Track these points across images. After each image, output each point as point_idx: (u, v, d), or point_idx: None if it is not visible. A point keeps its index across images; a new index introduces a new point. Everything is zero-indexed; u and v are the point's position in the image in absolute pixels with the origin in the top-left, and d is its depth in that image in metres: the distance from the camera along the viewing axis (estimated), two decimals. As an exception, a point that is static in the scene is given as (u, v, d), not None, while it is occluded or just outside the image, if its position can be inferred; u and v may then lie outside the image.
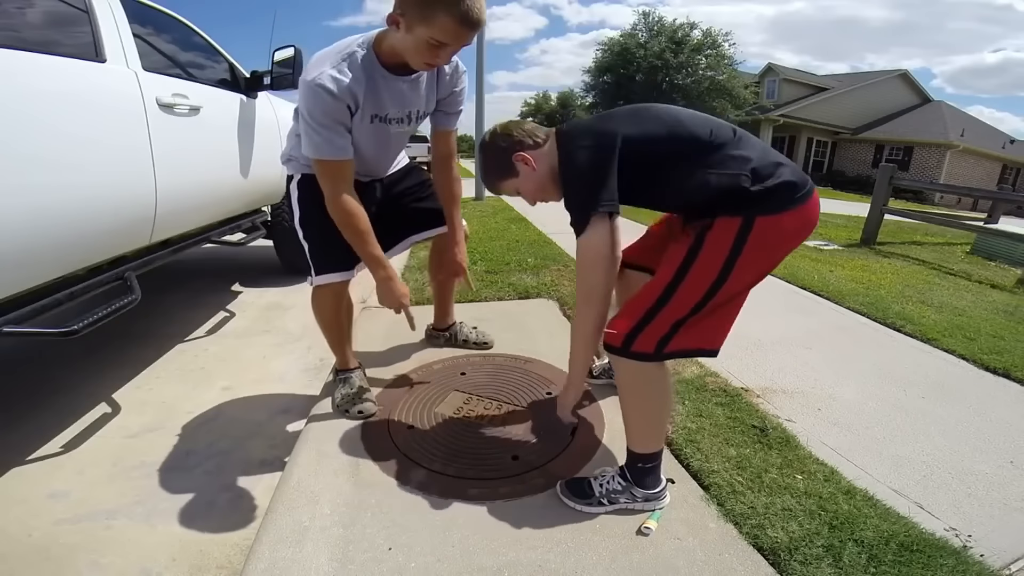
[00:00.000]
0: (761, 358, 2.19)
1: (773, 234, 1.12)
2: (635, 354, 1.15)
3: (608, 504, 1.27)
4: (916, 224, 7.18)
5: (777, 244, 1.15)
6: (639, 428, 1.25)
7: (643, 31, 18.46)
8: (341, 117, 1.31)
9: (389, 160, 1.69)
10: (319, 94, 1.26)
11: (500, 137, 1.28)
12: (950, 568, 1.12)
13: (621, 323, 1.16)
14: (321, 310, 1.66)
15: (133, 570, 1.26)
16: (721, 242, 1.10)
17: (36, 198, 1.47)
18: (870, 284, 3.53)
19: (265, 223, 3.30)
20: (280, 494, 1.31)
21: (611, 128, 1.16)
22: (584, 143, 1.17)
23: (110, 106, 1.77)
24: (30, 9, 1.65)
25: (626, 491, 1.26)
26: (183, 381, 2.18)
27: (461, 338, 2.15)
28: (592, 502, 1.27)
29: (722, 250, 1.10)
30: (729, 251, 1.10)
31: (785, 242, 1.17)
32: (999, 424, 1.78)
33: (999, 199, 5.92)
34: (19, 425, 1.82)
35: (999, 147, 20.65)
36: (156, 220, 2.03)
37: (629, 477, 1.27)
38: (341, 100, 1.28)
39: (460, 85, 1.56)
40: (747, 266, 1.11)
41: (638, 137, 1.14)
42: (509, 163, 1.27)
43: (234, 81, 2.80)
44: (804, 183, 1.13)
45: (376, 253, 1.45)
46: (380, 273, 1.47)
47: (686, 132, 1.15)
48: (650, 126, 1.17)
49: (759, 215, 1.09)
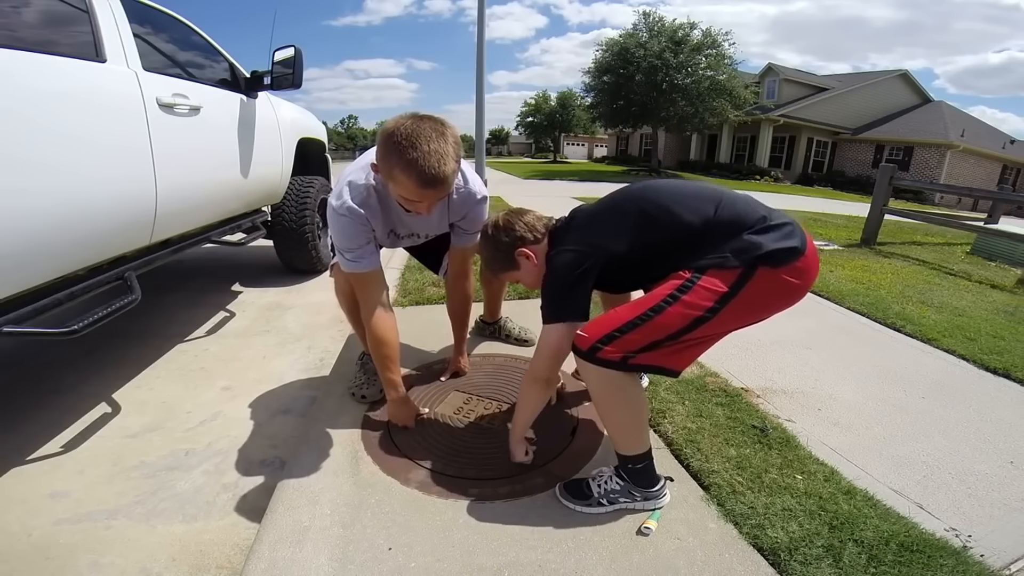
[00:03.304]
0: (761, 358, 2.19)
1: (770, 287, 1.13)
2: (600, 360, 1.14)
3: (608, 504, 1.28)
4: (916, 224, 7.18)
5: (771, 297, 1.16)
6: (618, 432, 1.27)
7: (643, 31, 18.45)
8: (364, 238, 1.42)
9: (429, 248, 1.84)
10: (343, 223, 1.39)
11: (503, 232, 1.36)
12: (950, 568, 1.12)
13: (594, 329, 1.16)
14: (341, 290, 1.72)
15: (133, 570, 1.26)
16: (718, 282, 1.11)
17: (36, 198, 1.47)
18: (870, 284, 3.53)
19: (265, 223, 3.30)
20: (280, 494, 1.31)
21: (599, 242, 1.22)
22: (569, 250, 1.22)
23: (110, 106, 1.77)
24: (30, 9, 1.65)
25: (624, 491, 1.27)
26: (183, 381, 2.18)
27: (504, 333, 2.28)
28: (591, 503, 1.28)
29: (717, 290, 1.11)
30: (724, 293, 1.11)
31: (779, 297, 1.18)
32: (999, 424, 1.78)
33: (999, 199, 5.92)
34: (19, 425, 1.82)
35: (999, 147, 20.64)
36: (156, 220, 2.03)
37: (626, 477, 1.28)
38: (361, 222, 1.39)
39: (473, 212, 1.59)
40: (735, 312, 1.12)
41: (625, 251, 1.20)
42: (512, 258, 1.36)
43: (234, 81, 2.80)
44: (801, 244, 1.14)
45: (395, 379, 1.52)
46: (393, 395, 1.55)
47: (677, 225, 1.18)
48: (641, 233, 1.20)
49: (762, 266, 1.11)
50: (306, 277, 3.70)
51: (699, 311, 1.10)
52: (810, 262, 1.16)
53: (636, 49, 17.55)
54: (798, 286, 1.16)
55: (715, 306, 1.10)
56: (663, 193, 1.24)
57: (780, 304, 1.20)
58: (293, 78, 2.78)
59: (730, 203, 1.19)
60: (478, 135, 8.12)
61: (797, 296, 1.19)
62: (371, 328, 1.47)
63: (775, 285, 1.13)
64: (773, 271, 1.11)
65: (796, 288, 1.16)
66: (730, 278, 1.11)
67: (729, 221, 1.16)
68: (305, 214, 3.37)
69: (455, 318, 1.84)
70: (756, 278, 1.11)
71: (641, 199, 1.26)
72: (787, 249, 1.12)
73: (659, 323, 1.12)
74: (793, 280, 1.14)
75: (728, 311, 1.11)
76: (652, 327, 1.12)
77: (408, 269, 3.37)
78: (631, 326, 1.13)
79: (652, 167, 20.76)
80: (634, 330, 1.12)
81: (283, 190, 3.31)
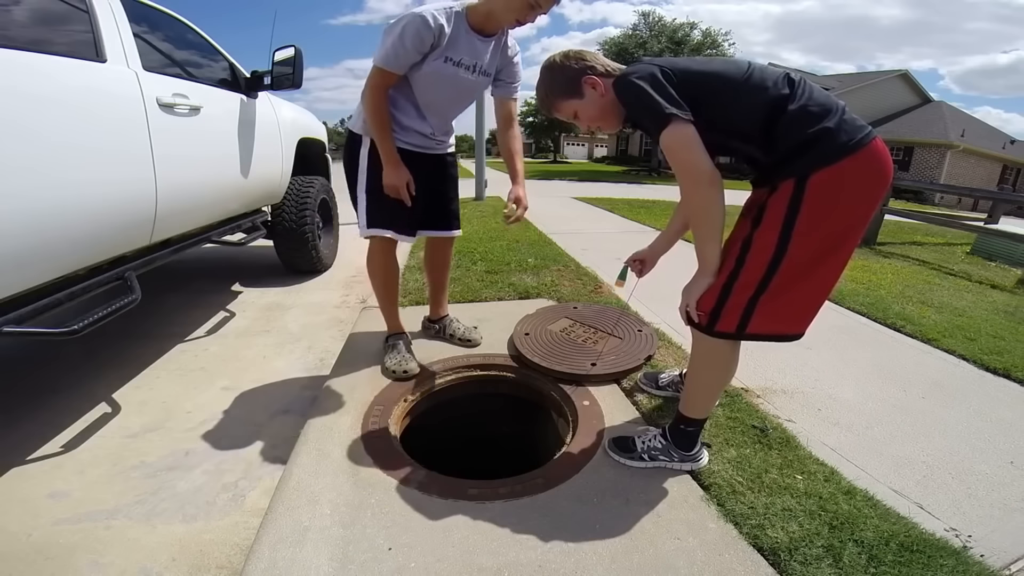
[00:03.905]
0: (761, 358, 2.19)
1: (832, 189, 1.04)
2: (718, 333, 1.21)
3: (648, 460, 1.40)
4: (916, 224, 7.19)
5: (841, 198, 1.06)
6: (695, 395, 1.36)
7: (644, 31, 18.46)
8: (422, 46, 1.57)
9: (451, 112, 1.88)
10: (417, 22, 1.53)
11: (573, 59, 1.28)
12: (950, 568, 1.12)
13: (705, 303, 1.20)
14: (372, 263, 1.91)
15: (133, 570, 1.26)
16: (777, 208, 1.08)
17: (36, 198, 1.47)
18: (870, 284, 3.53)
19: (265, 223, 3.30)
20: (280, 494, 1.31)
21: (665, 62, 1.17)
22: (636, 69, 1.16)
23: (110, 106, 1.77)
24: (30, 9, 1.65)
25: (665, 450, 1.39)
26: (183, 381, 2.18)
27: (448, 332, 2.22)
28: (634, 456, 1.41)
29: (778, 216, 1.08)
30: (785, 215, 1.07)
31: (853, 194, 1.06)
32: (999, 424, 1.78)
33: (999, 199, 5.91)
34: (19, 425, 1.82)
35: (999, 147, 20.65)
36: (156, 220, 2.03)
37: (669, 438, 1.39)
38: (430, 32, 1.55)
39: (516, 59, 1.85)
40: (809, 229, 1.06)
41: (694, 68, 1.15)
42: (577, 84, 1.27)
43: (234, 81, 2.80)
44: (861, 129, 1.06)
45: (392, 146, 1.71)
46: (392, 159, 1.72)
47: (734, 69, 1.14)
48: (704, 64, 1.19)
49: (813, 171, 1.04)
50: (306, 277, 3.70)
51: (773, 241, 1.09)
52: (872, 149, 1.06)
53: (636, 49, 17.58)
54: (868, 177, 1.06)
55: (784, 230, 1.07)
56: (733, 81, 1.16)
57: (861, 196, 1.08)
58: (293, 78, 2.78)
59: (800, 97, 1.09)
60: (478, 135, 8.11)
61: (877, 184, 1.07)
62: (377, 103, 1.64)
63: (837, 183, 1.04)
64: (827, 170, 1.03)
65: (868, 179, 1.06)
66: (785, 198, 1.06)
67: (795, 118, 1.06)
68: (305, 214, 3.37)
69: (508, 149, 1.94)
70: (811, 186, 1.04)
71: None
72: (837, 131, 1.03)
73: (748, 272, 1.13)
74: (856, 174, 1.04)
75: (800, 231, 1.06)
76: (745, 280, 1.14)
77: (408, 269, 3.37)
78: (729, 286, 1.16)
79: (652, 167, 20.76)
80: (733, 289, 1.15)
81: (283, 190, 3.31)
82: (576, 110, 1.30)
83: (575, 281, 3.17)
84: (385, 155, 1.71)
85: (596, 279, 3.25)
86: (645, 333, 2.23)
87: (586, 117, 1.30)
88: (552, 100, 1.33)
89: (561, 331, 2.22)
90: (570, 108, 1.30)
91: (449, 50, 1.63)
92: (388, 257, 1.91)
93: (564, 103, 1.31)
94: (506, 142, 1.95)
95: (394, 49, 1.56)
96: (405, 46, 1.55)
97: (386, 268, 1.93)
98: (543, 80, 1.34)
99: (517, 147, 1.97)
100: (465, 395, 1.99)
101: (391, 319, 2.05)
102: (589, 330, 2.26)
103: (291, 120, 3.34)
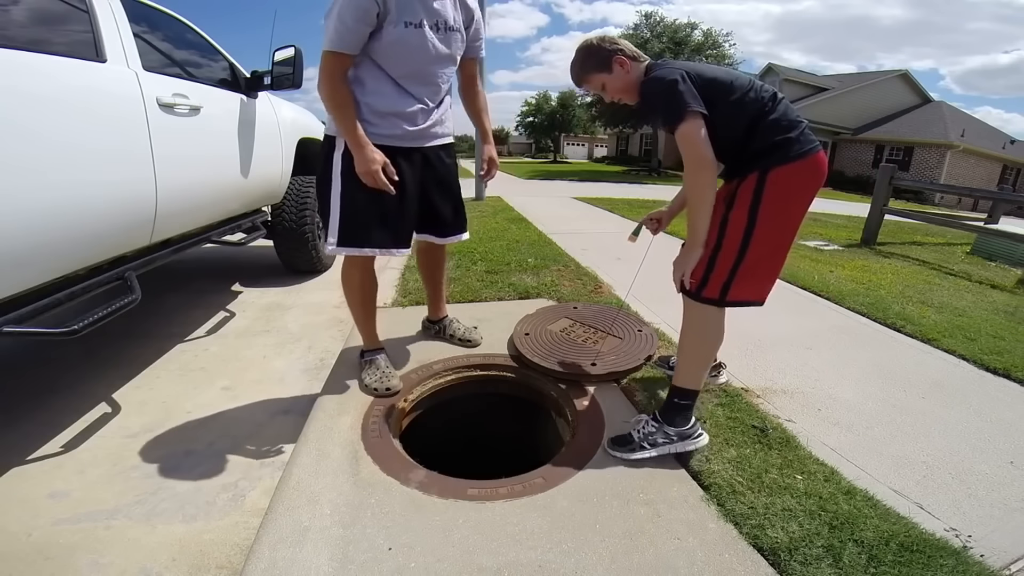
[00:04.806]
0: (761, 358, 2.19)
1: (784, 182, 1.32)
2: (705, 299, 1.42)
3: (649, 447, 1.45)
4: (916, 224, 7.19)
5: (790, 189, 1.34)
6: (687, 364, 1.48)
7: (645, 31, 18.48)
8: (367, 17, 1.46)
9: (437, 77, 1.69)
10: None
11: (608, 41, 1.51)
12: (950, 568, 1.12)
13: (696, 273, 1.42)
14: (348, 280, 1.79)
15: (133, 570, 1.26)
16: (744, 197, 1.35)
17: (36, 198, 1.47)
18: (870, 284, 3.53)
19: (265, 223, 3.30)
20: (280, 494, 1.31)
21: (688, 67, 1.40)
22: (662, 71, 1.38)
23: (110, 106, 1.77)
24: (30, 9, 1.66)
25: (659, 431, 1.46)
26: (183, 381, 2.18)
27: (448, 332, 2.19)
28: (634, 447, 1.46)
29: (745, 203, 1.35)
30: (750, 203, 1.34)
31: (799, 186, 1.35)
32: (999, 424, 1.78)
33: (999, 199, 5.91)
34: (19, 425, 1.82)
35: (999, 147, 20.64)
36: (156, 220, 2.03)
37: (660, 418, 1.47)
38: (372, 2, 1.44)
39: (478, 15, 1.76)
40: (769, 210, 1.33)
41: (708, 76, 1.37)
42: (609, 62, 1.48)
43: (234, 81, 2.80)
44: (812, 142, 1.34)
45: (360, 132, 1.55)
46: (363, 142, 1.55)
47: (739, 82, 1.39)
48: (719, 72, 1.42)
49: (772, 167, 1.31)
50: (306, 277, 3.70)
51: (743, 221, 1.34)
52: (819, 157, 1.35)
53: (636, 49, 17.58)
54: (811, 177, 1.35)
55: (751, 212, 1.33)
56: None
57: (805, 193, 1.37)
58: (293, 78, 2.78)
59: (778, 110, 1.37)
60: (478, 135, 8.10)
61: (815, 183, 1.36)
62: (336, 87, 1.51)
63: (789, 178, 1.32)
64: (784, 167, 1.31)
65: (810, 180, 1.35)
66: (751, 187, 1.34)
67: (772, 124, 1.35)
68: (305, 214, 3.37)
69: (475, 106, 1.92)
70: (770, 178, 1.32)
71: None
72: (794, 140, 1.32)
73: (727, 248, 1.37)
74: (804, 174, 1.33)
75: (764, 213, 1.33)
76: (725, 253, 1.37)
77: (408, 269, 3.37)
78: (713, 260, 1.38)
79: (652, 167, 20.76)
80: (716, 262, 1.38)
81: (283, 190, 3.31)
82: (604, 83, 1.51)
83: (575, 281, 3.17)
84: (351, 139, 1.54)
85: (596, 279, 3.25)
86: (645, 333, 2.23)
87: (612, 89, 1.52)
88: (585, 73, 1.54)
89: (561, 331, 2.23)
90: (599, 81, 1.52)
91: (405, 14, 1.52)
92: (366, 274, 1.77)
93: (595, 76, 1.52)
94: (472, 101, 1.91)
95: (337, 31, 1.46)
96: (347, 24, 1.45)
97: (363, 286, 1.79)
98: (579, 56, 1.54)
99: (483, 105, 1.94)
100: (465, 395, 1.99)
101: (368, 335, 1.90)
102: (589, 330, 2.26)
103: (291, 120, 3.34)
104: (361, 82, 1.58)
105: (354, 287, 1.79)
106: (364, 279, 1.78)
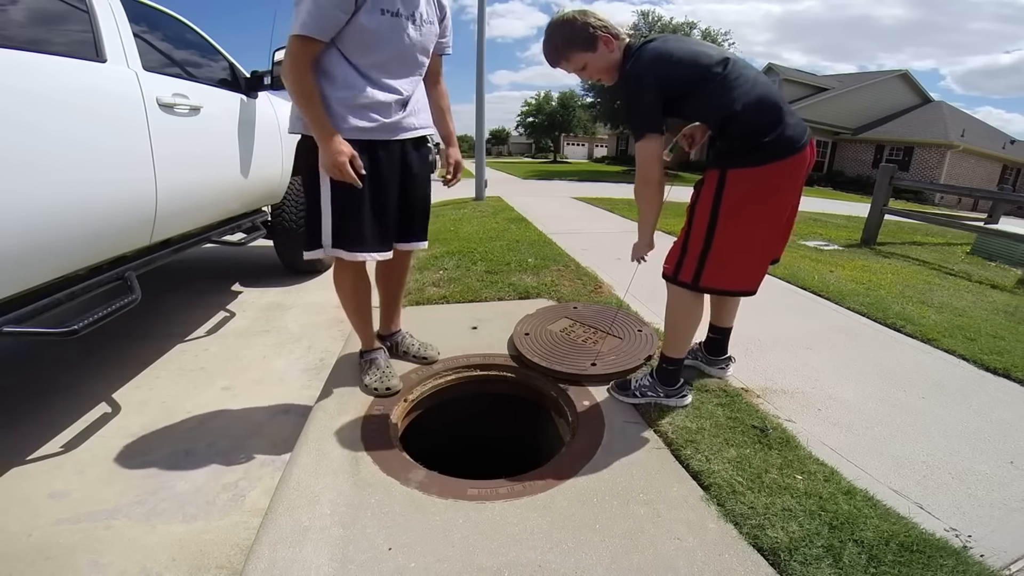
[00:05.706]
0: (761, 358, 2.19)
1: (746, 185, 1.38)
2: (680, 283, 1.55)
3: (640, 396, 1.71)
4: (916, 224, 7.18)
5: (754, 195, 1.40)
6: (671, 336, 1.67)
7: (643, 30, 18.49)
8: (344, 4, 1.40)
9: (407, 73, 1.62)
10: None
11: (593, 19, 1.47)
12: (950, 568, 1.12)
13: (671, 260, 1.57)
14: (341, 284, 1.77)
15: (133, 570, 1.26)
16: (708, 191, 1.44)
17: (36, 198, 1.47)
18: (870, 284, 3.53)
19: (265, 223, 3.30)
20: (280, 494, 1.31)
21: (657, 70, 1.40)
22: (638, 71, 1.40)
23: (110, 106, 1.77)
24: (30, 9, 1.66)
25: (652, 386, 1.70)
26: (183, 381, 2.18)
27: (402, 349, 2.03)
28: (629, 394, 1.73)
29: (708, 197, 1.43)
30: (712, 198, 1.42)
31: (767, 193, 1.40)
32: (999, 424, 1.78)
33: (999, 199, 5.91)
34: (19, 425, 1.82)
35: (999, 147, 20.65)
36: (156, 220, 2.03)
37: (654, 376, 1.70)
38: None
39: (447, 10, 1.73)
40: (730, 211, 1.40)
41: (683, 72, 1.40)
42: (594, 40, 1.46)
43: (234, 81, 2.80)
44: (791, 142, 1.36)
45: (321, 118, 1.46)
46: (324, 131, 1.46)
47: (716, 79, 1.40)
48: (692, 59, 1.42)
49: (734, 167, 1.38)
50: (306, 277, 3.70)
51: (707, 214, 1.43)
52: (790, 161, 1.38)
53: (636, 49, 17.60)
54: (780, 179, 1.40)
55: (713, 208, 1.41)
56: None
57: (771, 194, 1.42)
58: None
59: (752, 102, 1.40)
60: (478, 135, 8.12)
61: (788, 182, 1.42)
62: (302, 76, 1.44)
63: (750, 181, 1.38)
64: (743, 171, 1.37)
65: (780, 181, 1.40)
66: (712, 185, 1.42)
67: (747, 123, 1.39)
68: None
69: (441, 118, 1.86)
70: (729, 178, 1.39)
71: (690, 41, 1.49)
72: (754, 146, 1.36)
73: (694, 237, 1.47)
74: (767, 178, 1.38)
75: (725, 210, 1.39)
76: (694, 241, 1.48)
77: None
78: (684, 248, 1.51)
79: (652, 167, 20.72)
80: (687, 249, 1.50)
81: (283, 190, 3.31)
82: (587, 62, 1.49)
83: (575, 281, 3.17)
84: (319, 130, 1.45)
85: (596, 279, 3.25)
86: (645, 333, 2.23)
87: (594, 69, 1.50)
88: (566, 51, 1.50)
89: (561, 331, 2.24)
90: (581, 60, 1.49)
91: (382, 1, 1.46)
92: (359, 277, 1.74)
93: (577, 55, 1.49)
94: (436, 101, 1.83)
95: (310, 14, 1.38)
96: (321, 6, 1.37)
97: (357, 289, 1.76)
98: (559, 31, 1.49)
99: (447, 104, 1.90)
100: (465, 395, 1.99)
101: (366, 336, 1.88)
102: (589, 330, 2.27)
103: (291, 120, 3.33)
104: (329, 75, 1.49)
105: (347, 291, 1.76)
106: (357, 282, 1.75)
